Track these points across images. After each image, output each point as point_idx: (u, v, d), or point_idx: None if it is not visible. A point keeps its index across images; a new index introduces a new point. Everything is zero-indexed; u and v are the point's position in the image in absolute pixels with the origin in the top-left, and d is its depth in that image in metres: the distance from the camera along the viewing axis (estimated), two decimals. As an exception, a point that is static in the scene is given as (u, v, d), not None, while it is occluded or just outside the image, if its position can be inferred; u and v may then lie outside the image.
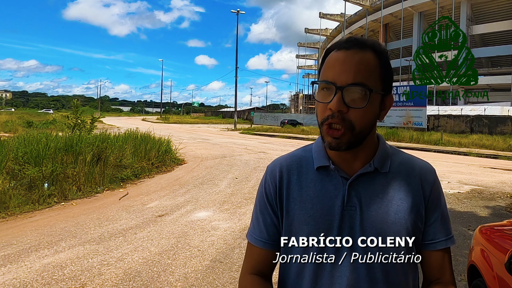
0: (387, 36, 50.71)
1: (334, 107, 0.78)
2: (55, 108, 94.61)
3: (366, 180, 0.86)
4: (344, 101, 0.78)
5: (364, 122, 0.80)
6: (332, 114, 0.79)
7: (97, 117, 11.85)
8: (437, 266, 0.89)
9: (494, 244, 2.18)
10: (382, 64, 0.82)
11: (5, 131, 18.34)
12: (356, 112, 0.79)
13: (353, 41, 0.82)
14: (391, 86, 0.86)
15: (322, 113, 0.82)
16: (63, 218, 5.20)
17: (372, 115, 0.82)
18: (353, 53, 0.80)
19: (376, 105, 0.83)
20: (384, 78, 0.83)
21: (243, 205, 6.11)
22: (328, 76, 0.80)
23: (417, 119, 22.62)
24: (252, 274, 0.93)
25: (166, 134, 12.64)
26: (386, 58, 0.83)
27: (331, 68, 0.80)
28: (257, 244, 0.93)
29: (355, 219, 0.84)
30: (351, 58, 0.79)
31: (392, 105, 0.88)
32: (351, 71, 0.78)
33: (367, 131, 0.83)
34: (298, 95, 75.43)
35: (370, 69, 0.80)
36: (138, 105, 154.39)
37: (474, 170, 11.07)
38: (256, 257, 0.94)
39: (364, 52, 0.80)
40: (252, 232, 0.95)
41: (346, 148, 0.81)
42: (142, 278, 3.34)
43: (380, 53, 0.82)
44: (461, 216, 5.74)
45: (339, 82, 0.78)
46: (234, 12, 36.60)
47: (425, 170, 0.90)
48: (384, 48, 0.84)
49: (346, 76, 0.78)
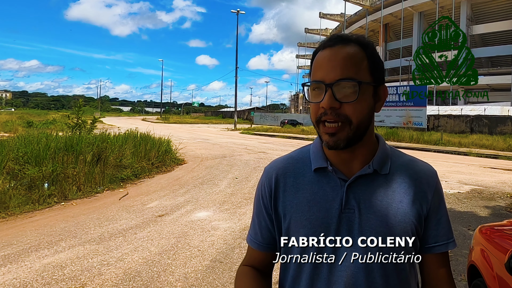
0: (387, 36, 50.72)
1: (326, 104, 0.78)
2: (55, 108, 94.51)
3: (365, 182, 0.85)
4: (335, 97, 0.78)
5: (359, 115, 0.80)
6: (325, 111, 0.79)
7: (97, 117, 11.85)
8: (439, 269, 0.89)
9: (494, 244, 2.17)
10: (369, 56, 0.82)
11: (5, 131, 18.34)
12: (349, 106, 0.78)
13: (336, 38, 0.82)
14: (382, 77, 0.85)
15: (315, 113, 0.82)
16: (63, 218, 5.20)
17: (366, 108, 0.81)
18: (338, 49, 0.80)
19: (369, 97, 0.82)
20: (373, 69, 0.82)
21: (243, 205, 6.11)
22: (317, 76, 0.80)
23: (417, 119, 22.61)
24: (247, 266, 0.97)
25: (166, 134, 12.64)
26: (372, 49, 0.83)
27: (319, 68, 0.81)
28: (253, 246, 0.96)
29: (354, 222, 0.82)
30: (336, 54, 0.80)
31: (392, 105, 0.88)
32: (338, 67, 0.78)
33: (364, 124, 0.82)
34: (298, 95, 75.42)
35: (357, 62, 0.80)
36: (138, 105, 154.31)
37: (474, 170, 11.06)
38: (253, 257, 0.97)
39: (349, 46, 0.80)
40: (250, 232, 0.98)
41: (345, 145, 0.80)
42: (142, 278, 3.34)
43: (365, 46, 0.82)
44: (461, 216, 5.74)
45: (327, 79, 0.78)
46: (234, 12, 36.65)
47: (427, 173, 0.88)
48: (369, 41, 0.84)
49: (334, 73, 0.78)
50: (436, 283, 0.89)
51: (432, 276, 0.89)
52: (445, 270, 0.90)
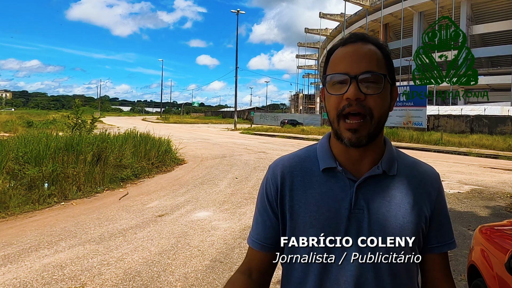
0: (387, 36, 50.71)
1: (352, 95, 0.78)
2: (55, 108, 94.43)
3: (373, 183, 0.85)
4: (360, 89, 0.78)
5: (381, 109, 0.81)
6: (349, 103, 0.79)
7: (97, 117, 11.85)
8: (440, 269, 0.90)
9: (494, 244, 2.17)
10: (386, 56, 0.85)
11: (5, 131, 18.34)
12: (373, 98, 0.79)
13: (357, 35, 0.84)
14: (394, 78, 0.87)
15: (336, 106, 0.81)
16: (63, 218, 5.20)
17: (386, 103, 0.83)
18: (360, 46, 0.82)
19: (388, 93, 0.84)
20: (390, 68, 0.85)
21: (243, 205, 6.11)
22: (340, 69, 0.81)
23: (417, 119, 22.61)
24: (242, 273, 0.93)
25: (166, 134, 12.63)
26: (386, 51, 0.86)
27: (341, 62, 0.81)
28: (256, 247, 0.92)
29: (363, 222, 0.83)
30: (359, 49, 0.81)
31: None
32: (363, 60, 0.80)
33: (383, 120, 0.83)
34: (298, 95, 75.48)
35: (379, 58, 0.82)
36: (138, 105, 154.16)
37: (474, 170, 11.06)
38: (255, 259, 0.93)
39: (369, 45, 0.83)
40: (251, 234, 0.94)
41: (367, 142, 0.81)
42: (142, 278, 3.34)
43: (381, 47, 0.85)
44: (461, 216, 5.74)
45: (352, 72, 0.79)
46: (234, 12, 36.64)
47: (431, 175, 0.90)
48: (384, 43, 0.87)
49: (358, 66, 0.79)
50: (436, 283, 0.90)
51: (432, 276, 0.90)
52: (445, 270, 0.91)
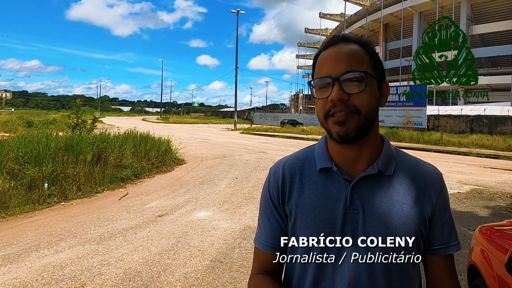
0: (387, 36, 50.71)
1: (335, 97, 0.79)
2: (55, 108, 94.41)
3: (369, 183, 0.85)
4: (343, 90, 0.79)
5: (368, 106, 0.81)
6: (333, 104, 0.80)
7: (97, 117, 11.85)
8: (444, 271, 0.89)
9: (494, 244, 2.17)
10: (370, 52, 0.85)
11: (5, 131, 18.34)
12: (358, 97, 0.79)
13: (337, 37, 0.85)
14: (383, 73, 0.87)
15: (323, 108, 0.82)
16: (63, 218, 5.20)
17: (373, 99, 0.83)
18: (341, 47, 0.83)
19: (375, 89, 0.84)
20: (375, 64, 0.84)
21: (243, 205, 6.11)
22: (323, 73, 0.82)
23: (417, 119, 22.61)
24: (260, 274, 0.93)
25: (166, 134, 12.63)
26: (371, 48, 0.86)
27: (323, 66, 0.83)
28: (265, 250, 0.92)
29: (358, 223, 0.83)
30: (340, 51, 0.82)
31: (392, 105, 0.89)
32: (343, 61, 0.80)
33: (372, 116, 0.83)
34: (298, 95, 75.38)
35: (360, 57, 0.82)
36: (138, 105, 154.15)
37: (474, 170, 11.06)
38: (268, 261, 0.92)
39: (351, 44, 0.83)
40: (259, 236, 0.94)
41: (355, 136, 0.80)
42: (142, 278, 3.34)
43: (365, 44, 0.85)
44: (461, 216, 5.74)
45: (333, 74, 0.80)
46: (234, 12, 36.63)
47: (432, 175, 0.88)
48: (368, 40, 0.87)
49: (340, 67, 0.80)
50: (441, 285, 0.89)
51: (437, 277, 0.90)
52: (450, 271, 0.90)
